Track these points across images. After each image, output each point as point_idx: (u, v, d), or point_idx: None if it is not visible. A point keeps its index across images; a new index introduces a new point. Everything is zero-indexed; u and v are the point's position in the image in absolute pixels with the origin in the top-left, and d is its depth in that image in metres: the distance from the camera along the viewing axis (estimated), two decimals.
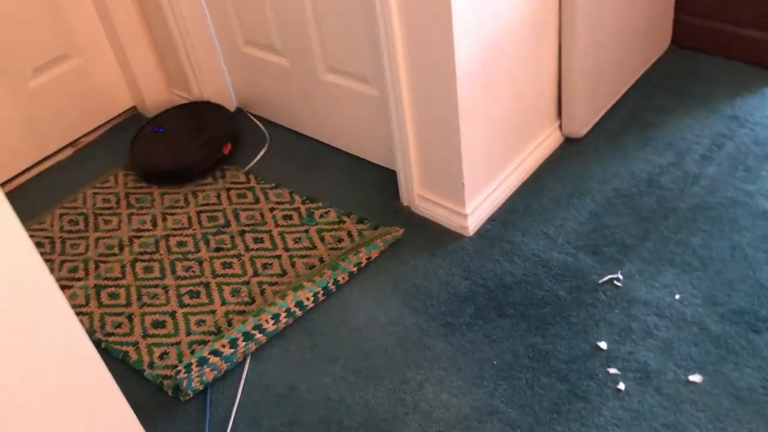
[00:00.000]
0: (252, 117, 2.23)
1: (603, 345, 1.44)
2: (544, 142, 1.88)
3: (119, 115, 2.32)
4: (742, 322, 1.44)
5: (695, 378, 1.36)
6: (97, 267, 1.79)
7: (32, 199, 2.05)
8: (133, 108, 2.35)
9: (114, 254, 1.82)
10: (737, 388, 1.33)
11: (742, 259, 1.56)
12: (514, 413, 1.35)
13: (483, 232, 1.72)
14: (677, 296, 1.51)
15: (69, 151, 2.22)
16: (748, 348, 1.39)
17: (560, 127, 1.92)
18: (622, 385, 1.37)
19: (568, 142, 1.94)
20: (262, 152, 2.08)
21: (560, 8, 1.73)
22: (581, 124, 1.91)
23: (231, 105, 2.26)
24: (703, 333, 1.43)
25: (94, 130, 2.27)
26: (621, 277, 1.56)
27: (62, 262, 1.82)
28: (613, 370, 1.39)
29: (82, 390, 1.02)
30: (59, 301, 0.96)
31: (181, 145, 2.07)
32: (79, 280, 1.76)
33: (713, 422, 1.29)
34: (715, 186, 1.74)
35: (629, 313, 1.49)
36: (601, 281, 1.56)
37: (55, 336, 0.96)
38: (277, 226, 1.82)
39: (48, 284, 0.94)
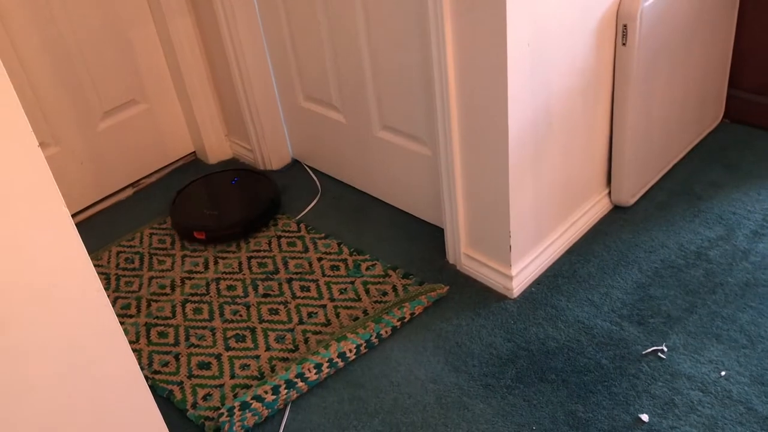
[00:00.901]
0: (307, 168, 2.30)
1: (645, 417, 1.42)
2: (593, 209, 1.90)
3: (179, 159, 2.42)
4: None
5: None
6: (148, 305, 1.85)
7: (92, 235, 2.14)
8: (193, 153, 2.44)
9: (166, 294, 1.87)
10: None
11: None
12: None
13: (528, 294, 1.73)
14: (723, 373, 1.49)
15: (129, 191, 2.32)
16: None
17: (609, 194, 1.94)
18: None
19: (617, 210, 1.95)
20: (313, 203, 2.14)
21: (614, 79, 1.76)
22: (630, 194, 1.92)
23: (287, 156, 2.33)
24: (749, 413, 1.41)
25: (155, 172, 2.37)
26: (665, 349, 1.55)
27: (116, 299, 1.88)
28: None
29: (130, 421, 1.06)
30: (120, 336, 1.01)
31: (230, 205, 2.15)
32: (131, 317, 1.82)
33: None
34: (766, 263, 1.72)
35: (673, 386, 1.47)
36: (644, 352, 1.55)
37: (114, 369, 1.01)
38: (324, 275, 1.86)
39: (111, 320, 0.99)
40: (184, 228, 2.04)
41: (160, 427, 1.11)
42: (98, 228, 2.18)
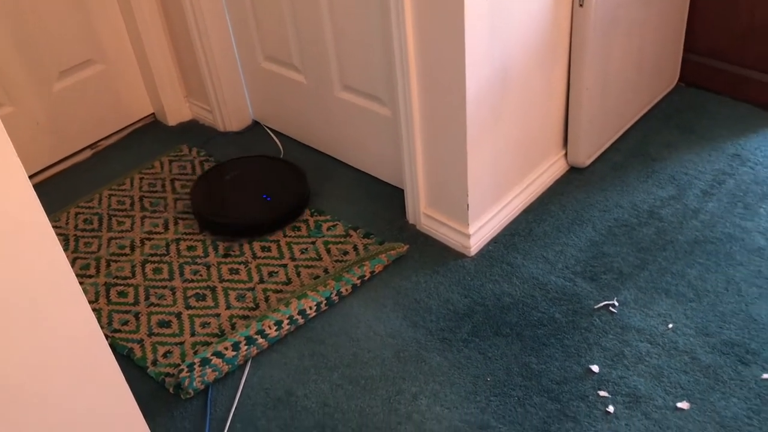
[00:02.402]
0: (267, 130, 2.29)
1: (595, 368, 1.48)
2: (549, 170, 1.93)
3: (138, 120, 2.39)
4: (731, 354, 1.47)
5: (683, 405, 1.39)
6: (108, 265, 1.84)
7: (49, 197, 2.11)
8: (152, 115, 2.42)
9: (125, 254, 1.87)
10: (723, 416, 1.36)
11: (736, 293, 1.59)
12: (505, 429, 1.38)
13: (485, 252, 1.77)
14: (670, 325, 1.54)
15: (88, 153, 2.29)
16: (736, 379, 1.42)
17: (565, 155, 1.97)
18: (611, 408, 1.40)
19: (573, 171, 1.99)
20: None
21: (570, 41, 1.78)
22: (586, 155, 1.96)
23: (247, 117, 2.32)
24: (693, 362, 1.47)
25: (114, 134, 2.34)
26: (617, 303, 1.60)
27: (75, 259, 1.87)
28: (603, 393, 1.43)
29: (89, 377, 1.07)
30: (76, 291, 1.01)
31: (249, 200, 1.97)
32: (90, 277, 1.81)
33: None
34: (714, 221, 1.78)
35: (622, 339, 1.53)
36: (596, 306, 1.60)
37: (70, 322, 1.01)
38: (285, 236, 1.87)
39: (67, 274, 0.99)
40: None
41: (120, 382, 1.12)
42: (56, 190, 2.16)
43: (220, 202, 1.95)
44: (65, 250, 1.90)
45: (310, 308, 1.62)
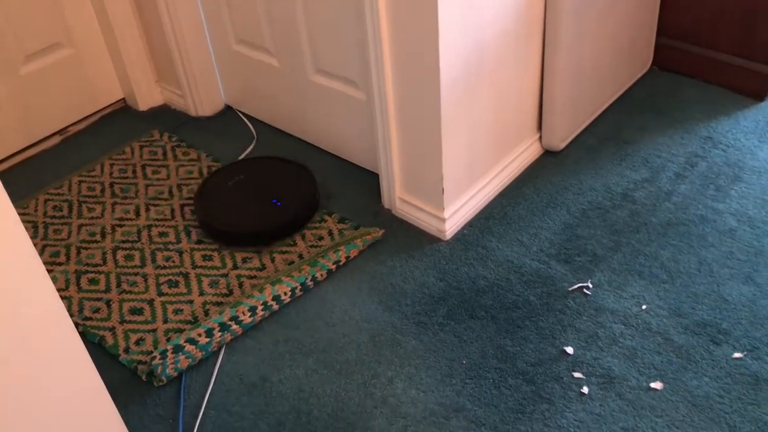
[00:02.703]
0: (240, 114, 2.26)
1: (569, 350, 1.48)
2: (524, 153, 1.93)
3: (108, 106, 2.35)
4: (704, 334, 1.49)
5: (656, 385, 1.40)
6: (78, 253, 1.81)
7: (17, 183, 2.07)
8: (123, 100, 2.38)
9: (96, 241, 1.84)
10: (695, 395, 1.38)
11: (708, 274, 1.61)
12: (480, 411, 1.39)
13: (460, 236, 1.77)
14: (644, 306, 1.55)
15: (56, 139, 2.25)
16: (708, 358, 1.44)
17: (540, 139, 1.97)
18: (585, 389, 1.41)
19: (547, 155, 1.99)
20: (248, 150, 2.11)
21: (545, 25, 1.78)
22: (560, 138, 1.96)
23: (220, 102, 2.29)
24: (666, 343, 1.48)
25: (83, 119, 2.30)
26: (591, 285, 1.61)
27: (44, 247, 1.84)
28: (578, 375, 1.44)
29: (58, 366, 1.05)
30: (43, 279, 0.99)
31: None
32: (60, 264, 1.78)
33: (670, 427, 1.33)
34: (687, 203, 1.79)
35: (596, 320, 1.54)
36: (571, 289, 1.61)
37: (36, 312, 0.99)
38: None
39: (34, 262, 0.96)
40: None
41: (90, 371, 1.10)
42: (24, 177, 2.11)
43: (228, 209, 1.84)
44: (34, 237, 1.87)
45: (285, 294, 1.61)
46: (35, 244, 1.83)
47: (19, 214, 1.92)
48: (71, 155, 2.18)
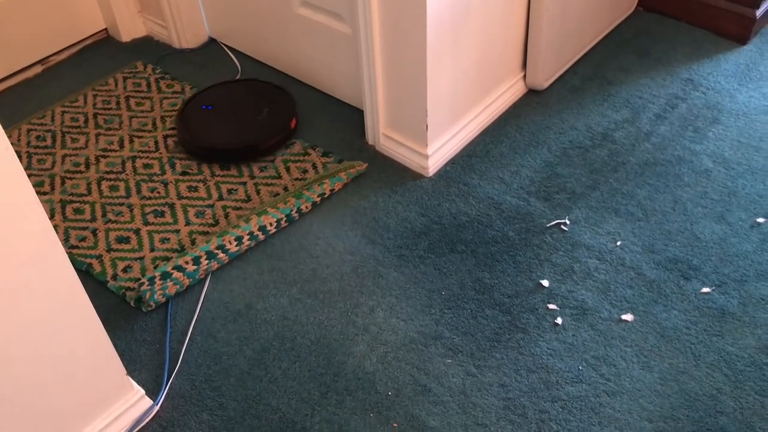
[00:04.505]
0: (224, 48, 2.25)
1: (545, 283, 1.53)
2: (508, 92, 1.95)
3: (90, 36, 2.32)
4: (675, 270, 1.54)
5: (627, 317, 1.46)
6: (63, 183, 1.82)
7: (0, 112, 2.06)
8: (105, 30, 2.34)
9: (80, 172, 1.85)
10: (664, 327, 1.44)
11: (682, 212, 1.66)
12: (457, 339, 1.44)
13: (442, 173, 1.79)
14: (618, 243, 1.60)
15: (38, 69, 2.22)
16: (678, 293, 1.50)
17: (524, 78, 1.99)
18: (559, 320, 1.47)
19: (531, 94, 2.00)
20: None
21: None
22: (544, 77, 1.97)
23: (204, 34, 2.27)
24: (638, 277, 1.53)
25: (65, 49, 2.27)
26: (568, 222, 1.65)
27: (29, 176, 1.83)
28: (552, 306, 1.49)
29: (49, 289, 1.07)
30: (35, 204, 1.00)
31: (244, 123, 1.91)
32: (45, 194, 1.79)
33: (638, 356, 1.39)
34: (665, 144, 1.83)
35: (572, 255, 1.58)
36: (548, 225, 1.65)
37: (28, 234, 1.01)
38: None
39: (26, 188, 0.98)
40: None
41: (80, 295, 1.13)
42: (6, 106, 2.10)
43: (208, 128, 1.88)
44: None
45: (270, 224, 1.63)
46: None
47: None
48: (53, 85, 2.16)
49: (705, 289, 1.50)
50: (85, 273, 1.60)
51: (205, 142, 1.84)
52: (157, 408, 1.36)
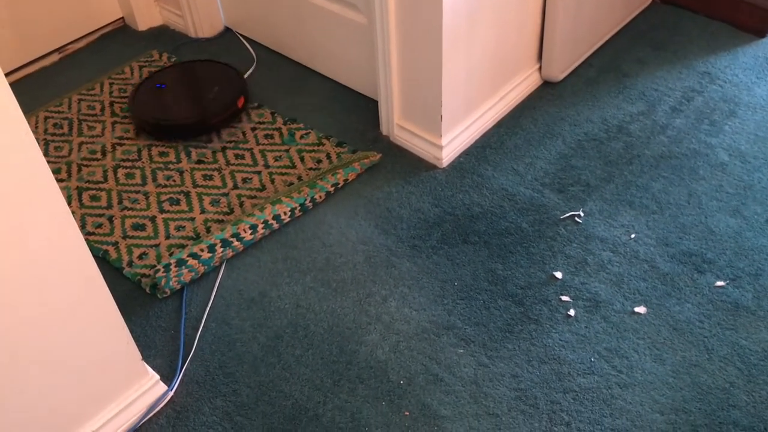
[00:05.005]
0: (240, 37, 2.25)
1: (558, 275, 1.53)
2: (523, 83, 1.94)
3: (107, 25, 2.33)
4: (689, 263, 1.54)
5: (640, 309, 1.46)
6: (79, 170, 1.83)
7: (17, 100, 2.07)
8: (122, 19, 2.36)
9: (97, 159, 1.86)
10: (677, 320, 1.44)
11: (697, 205, 1.65)
12: (470, 330, 1.45)
13: (456, 164, 1.80)
14: (633, 235, 1.60)
15: (55, 57, 2.24)
16: (691, 286, 1.49)
17: (539, 69, 1.98)
18: (572, 312, 1.47)
19: (546, 85, 2.00)
20: (248, 73, 2.11)
21: None
22: (560, 69, 1.97)
23: (219, 23, 2.28)
24: (652, 270, 1.53)
25: (82, 38, 2.28)
26: (582, 214, 1.65)
27: None
28: (565, 298, 1.49)
29: (67, 275, 1.09)
30: (54, 191, 1.01)
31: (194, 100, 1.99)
32: (62, 181, 1.80)
33: (651, 349, 1.39)
34: (680, 137, 1.82)
35: (586, 247, 1.58)
36: (563, 217, 1.65)
37: (47, 222, 1.02)
38: (258, 144, 1.87)
39: (45, 175, 0.99)
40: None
41: (98, 280, 1.14)
42: (24, 93, 2.12)
43: (159, 106, 1.95)
44: None
45: (285, 214, 1.64)
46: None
47: None
48: (70, 73, 2.18)
49: (719, 283, 1.50)
50: (101, 259, 1.61)
51: (152, 118, 1.91)
52: (171, 393, 1.38)
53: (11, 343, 1.05)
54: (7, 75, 2.16)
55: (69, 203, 1.74)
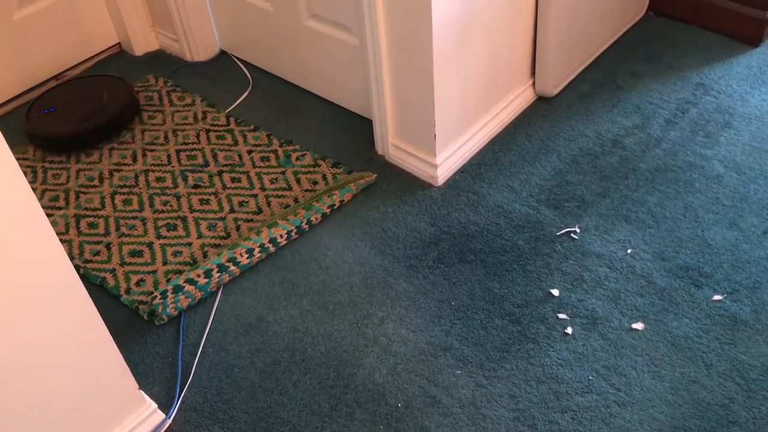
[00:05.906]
0: (235, 60, 2.27)
1: (555, 292, 1.53)
2: (516, 99, 1.95)
3: (104, 51, 2.35)
4: (686, 277, 1.53)
5: (637, 326, 1.46)
6: (77, 197, 1.84)
7: (15, 129, 2.09)
8: (118, 44, 2.37)
9: (94, 186, 1.87)
10: (675, 336, 1.43)
11: (693, 219, 1.65)
12: (467, 350, 1.44)
13: (452, 182, 1.80)
14: (629, 251, 1.60)
15: (53, 84, 2.25)
16: (689, 301, 1.49)
17: (533, 85, 1.99)
18: (569, 330, 1.46)
19: (540, 101, 2.00)
20: (243, 96, 2.13)
21: None
22: (553, 84, 1.97)
23: (215, 47, 2.29)
24: (649, 285, 1.53)
25: (79, 64, 2.30)
26: (578, 230, 1.65)
27: (44, 191, 1.87)
28: (562, 316, 1.49)
29: (59, 307, 1.09)
30: (43, 223, 1.02)
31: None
32: (60, 209, 1.81)
33: (649, 366, 1.39)
34: (676, 149, 1.82)
35: (582, 264, 1.58)
36: (558, 233, 1.65)
37: (38, 254, 1.03)
38: (254, 167, 1.88)
39: (34, 207, 1.00)
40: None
41: (90, 310, 1.15)
42: (22, 122, 2.13)
43: (52, 121, 2.03)
44: (33, 182, 1.90)
45: (281, 236, 1.65)
46: (34, 189, 1.87)
47: (18, 159, 1.95)
48: None
49: (717, 297, 1.49)
50: (99, 287, 1.62)
51: (45, 133, 2.00)
52: (169, 422, 1.38)
53: (2, 373, 1.06)
54: (5, 103, 2.18)
55: (67, 231, 1.75)
